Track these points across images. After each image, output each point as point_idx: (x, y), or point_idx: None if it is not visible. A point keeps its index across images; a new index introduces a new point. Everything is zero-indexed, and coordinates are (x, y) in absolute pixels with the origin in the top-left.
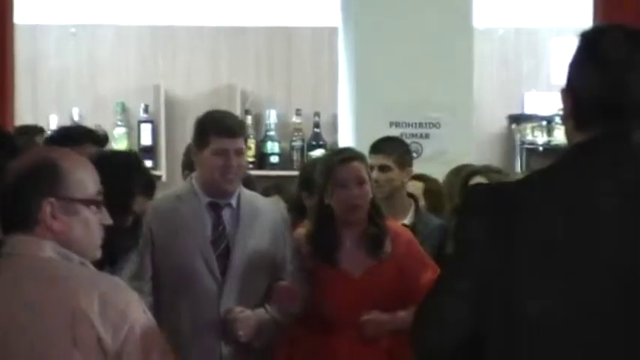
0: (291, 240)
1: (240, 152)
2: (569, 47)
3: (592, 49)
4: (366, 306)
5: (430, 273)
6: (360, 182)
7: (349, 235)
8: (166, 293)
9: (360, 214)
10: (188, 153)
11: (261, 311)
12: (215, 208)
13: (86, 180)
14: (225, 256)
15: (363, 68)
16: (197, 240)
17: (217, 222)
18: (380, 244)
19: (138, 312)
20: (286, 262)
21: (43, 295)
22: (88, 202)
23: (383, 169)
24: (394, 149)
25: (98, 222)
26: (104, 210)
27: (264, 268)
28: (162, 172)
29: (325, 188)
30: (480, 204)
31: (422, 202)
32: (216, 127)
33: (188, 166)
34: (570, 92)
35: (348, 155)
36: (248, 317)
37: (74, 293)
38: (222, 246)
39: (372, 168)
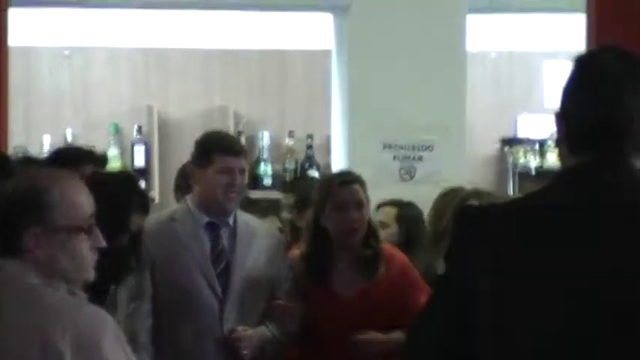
0: (286, 259)
1: (243, 171)
2: (562, 70)
3: (586, 72)
4: (358, 327)
5: (424, 296)
6: (359, 205)
7: (343, 257)
8: (168, 313)
9: (357, 238)
10: (181, 175)
11: (262, 329)
12: (213, 227)
13: (76, 206)
14: (224, 275)
15: (355, 91)
16: (197, 259)
17: (216, 241)
18: (374, 267)
19: (111, 347)
20: (282, 281)
21: (18, 321)
22: (76, 230)
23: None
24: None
25: (89, 246)
26: (97, 232)
27: (262, 287)
28: (155, 193)
29: (322, 209)
30: (469, 227)
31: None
32: (221, 146)
33: (181, 188)
34: (564, 116)
35: (349, 178)
36: (251, 336)
37: (47, 323)
38: (222, 265)
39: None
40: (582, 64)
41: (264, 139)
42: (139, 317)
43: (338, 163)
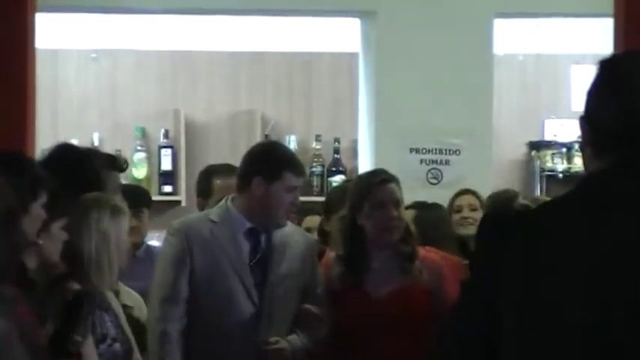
0: (318, 265)
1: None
2: (589, 74)
3: (609, 76)
4: (390, 329)
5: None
6: (397, 204)
7: (378, 257)
8: (202, 318)
9: (395, 236)
10: (202, 181)
11: (294, 339)
12: (254, 233)
13: None
14: (261, 283)
15: (382, 94)
16: (235, 266)
17: (255, 248)
18: (411, 265)
19: None
20: (313, 288)
21: None
22: None
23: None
24: None
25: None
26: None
27: (294, 294)
28: (182, 196)
29: (360, 208)
30: (494, 231)
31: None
32: (293, 165)
33: (202, 194)
34: (587, 120)
35: (387, 177)
36: (284, 348)
37: None
38: (260, 272)
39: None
40: (606, 67)
41: (291, 142)
42: (172, 320)
43: (365, 166)
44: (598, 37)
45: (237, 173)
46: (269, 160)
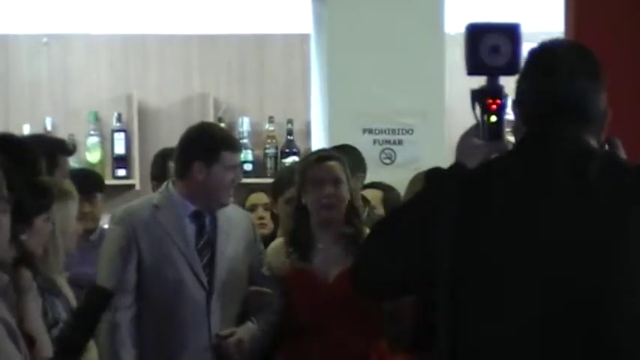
0: (259, 242)
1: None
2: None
3: (538, 60)
4: (337, 311)
5: None
6: (336, 181)
7: (324, 237)
8: (152, 305)
9: (333, 214)
10: (157, 164)
11: (249, 328)
12: (198, 217)
13: None
14: (210, 266)
15: (335, 75)
16: (182, 250)
17: (201, 231)
18: (354, 245)
19: None
20: (258, 266)
21: None
22: None
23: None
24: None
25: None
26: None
27: (242, 275)
28: (135, 180)
29: (302, 187)
30: (438, 186)
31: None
32: (228, 143)
33: (157, 177)
34: (519, 102)
35: (325, 154)
36: (240, 341)
37: None
38: (207, 256)
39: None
40: (536, 53)
41: (244, 125)
42: (120, 309)
43: (318, 147)
44: (550, 14)
45: (175, 158)
46: (205, 143)
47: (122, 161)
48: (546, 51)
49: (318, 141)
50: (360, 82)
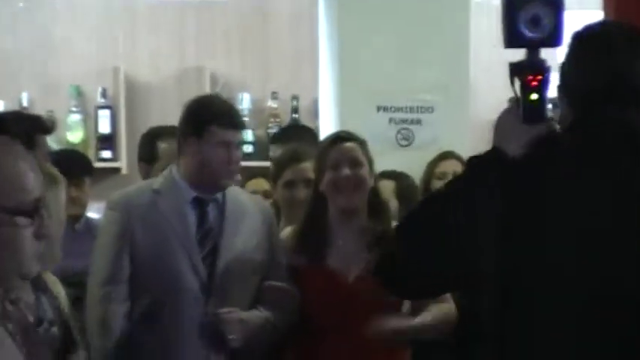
0: (280, 241)
1: (240, 145)
2: (576, 21)
3: (587, 44)
4: (358, 313)
5: None
6: (355, 164)
7: (344, 229)
8: (147, 298)
9: (352, 201)
10: (146, 145)
11: (253, 313)
12: (200, 203)
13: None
14: (211, 257)
15: (346, 45)
16: (181, 239)
17: (203, 219)
18: (380, 241)
19: None
20: (275, 263)
21: None
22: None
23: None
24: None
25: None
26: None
27: (252, 273)
28: (122, 163)
29: (319, 172)
30: (481, 171)
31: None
32: (220, 117)
33: (145, 159)
34: (566, 87)
35: (343, 135)
36: (238, 319)
37: None
38: (209, 247)
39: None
40: (586, 32)
41: (245, 102)
42: (114, 302)
43: (327, 127)
44: None
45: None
46: (194, 116)
47: (107, 142)
48: (597, 29)
49: (327, 120)
50: (375, 54)
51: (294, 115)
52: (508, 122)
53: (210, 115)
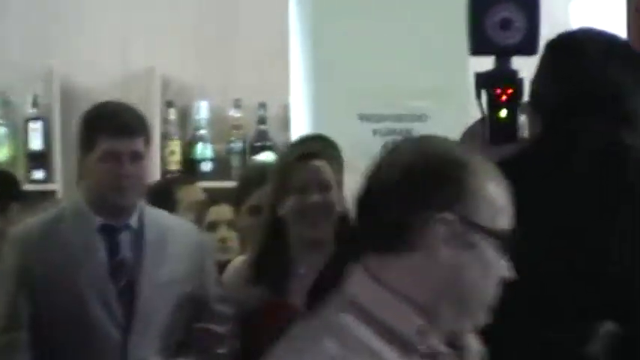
0: (213, 270)
1: (137, 156)
2: (590, 14)
3: (562, 52)
4: None
5: None
6: (324, 187)
7: (307, 259)
8: (53, 346)
9: (319, 231)
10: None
11: None
12: (109, 231)
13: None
14: (128, 294)
15: (322, 44)
16: (90, 275)
17: (114, 250)
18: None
19: None
20: (207, 297)
21: None
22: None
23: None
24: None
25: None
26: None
27: (180, 306)
28: (57, 185)
29: (278, 194)
30: None
31: None
32: (106, 124)
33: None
34: (536, 104)
35: (309, 151)
36: None
37: None
38: (124, 281)
39: None
40: (559, 37)
41: (202, 110)
42: (14, 353)
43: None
44: None
45: None
46: (82, 126)
47: (39, 159)
48: (572, 34)
49: (300, 132)
50: (356, 54)
51: (260, 127)
52: (472, 144)
53: (95, 123)
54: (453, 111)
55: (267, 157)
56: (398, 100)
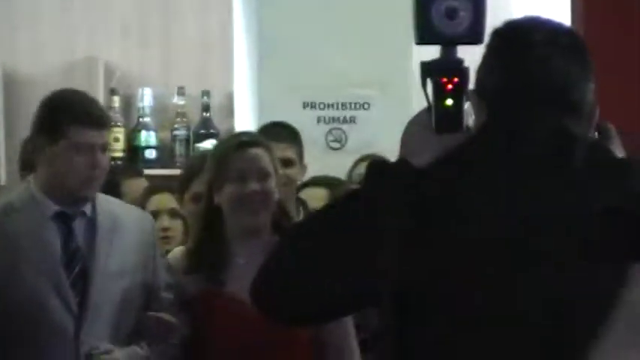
0: (163, 258)
1: (106, 148)
2: (535, 4)
3: (507, 42)
4: (263, 344)
5: None
6: (263, 176)
7: (244, 247)
8: (5, 338)
9: (258, 220)
10: (28, 150)
11: (133, 350)
12: (64, 219)
13: None
14: (81, 283)
15: (266, 32)
16: (43, 263)
17: (68, 237)
18: None
19: None
20: (157, 287)
21: None
22: None
23: (286, 162)
24: (295, 138)
25: None
26: None
27: (132, 297)
28: (0, 172)
29: (215, 182)
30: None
31: None
32: (78, 115)
33: (28, 167)
34: (480, 92)
35: (249, 139)
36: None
37: None
38: (77, 269)
39: None
40: (504, 27)
41: (146, 98)
42: None
43: (244, 128)
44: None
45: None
46: (47, 113)
47: None
48: (517, 23)
49: (244, 119)
50: (300, 41)
51: (204, 114)
52: (418, 132)
53: (65, 113)
54: (396, 99)
55: (211, 144)
56: (342, 88)
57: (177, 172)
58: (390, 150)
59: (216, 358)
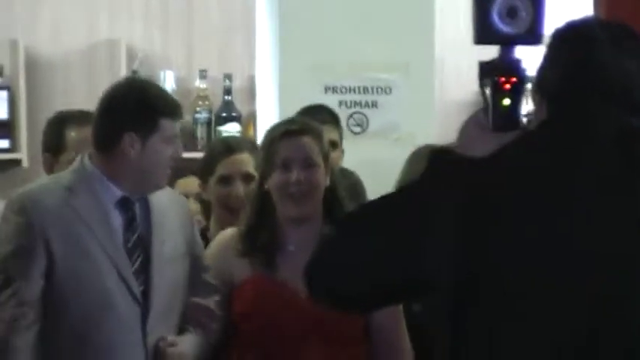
0: (200, 241)
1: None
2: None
3: (568, 41)
4: (312, 333)
5: None
6: (309, 165)
7: (296, 234)
8: (67, 323)
9: (302, 209)
10: (52, 132)
11: (189, 340)
12: (128, 205)
13: None
14: (143, 271)
15: (287, 15)
16: (108, 249)
17: (131, 224)
18: None
19: None
20: (200, 271)
21: None
22: None
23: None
24: (338, 122)
25: None
26: None
27: (182, 283)
28: (22, 154)
29: (265, 168)
30: (444, 172)
31: None
32: (169, 108)
33: (52, 149)
34: (542, 90)
35: (294, 127)
36: (184, 354)
37: None
38: (139, 257)
39: None
40: (566, 26)
41: (168, 81)
42: (19, 329)
43: (265, 111)
44: None
45: (96, 124)
46: (140, 107)
47: (4, 129)
48: (580, 24)
49: (266, 103)
50: (322, 24)
51: (226, 97)
52: (475, 130)
53: (161, 106)
54: (419, 84)
55: (233, 128)
56: (364, 72)
57: (199, 155)
58: (412, 133)
59: (263, 344)
